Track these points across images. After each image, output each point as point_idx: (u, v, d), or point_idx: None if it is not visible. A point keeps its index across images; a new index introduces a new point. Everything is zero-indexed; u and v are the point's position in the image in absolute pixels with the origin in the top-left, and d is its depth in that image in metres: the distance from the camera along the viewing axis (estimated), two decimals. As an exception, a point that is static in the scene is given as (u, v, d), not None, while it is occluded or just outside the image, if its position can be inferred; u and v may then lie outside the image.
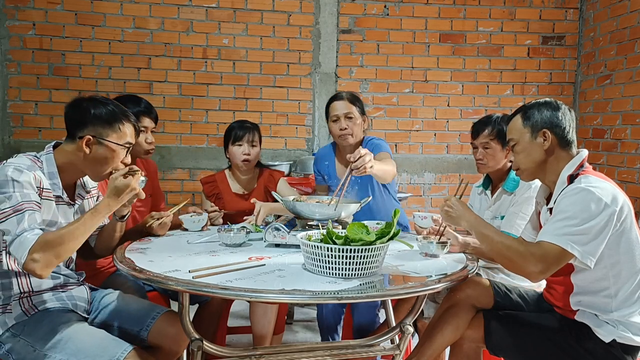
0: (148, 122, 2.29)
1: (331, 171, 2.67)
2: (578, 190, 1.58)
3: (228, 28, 4.06)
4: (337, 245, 1.50)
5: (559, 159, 1.71)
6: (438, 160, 4.35)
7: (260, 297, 1.43)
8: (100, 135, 1.66)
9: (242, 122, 2.62)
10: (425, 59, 4.26)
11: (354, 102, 2.55)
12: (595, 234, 1.54)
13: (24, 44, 3.87)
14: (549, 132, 1.69)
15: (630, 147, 3.73)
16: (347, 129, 2.51)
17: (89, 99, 1.70)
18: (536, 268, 1.55)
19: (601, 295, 1.66)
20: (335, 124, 2.53)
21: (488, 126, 2.31)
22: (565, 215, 1.57)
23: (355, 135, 2.53)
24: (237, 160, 2.55)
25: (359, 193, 2.50)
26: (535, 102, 1.76)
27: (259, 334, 2.26)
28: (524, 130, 1.73)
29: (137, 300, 1.87)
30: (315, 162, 2.77)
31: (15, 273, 1.62)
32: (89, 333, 1.58)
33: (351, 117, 2.51)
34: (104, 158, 1.68)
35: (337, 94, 2.63)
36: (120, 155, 1.71)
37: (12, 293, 1.61)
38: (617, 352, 1.64)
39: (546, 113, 1.71)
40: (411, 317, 1.87)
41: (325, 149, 2.78)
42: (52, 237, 1.50)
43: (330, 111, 2.56)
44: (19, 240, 1.47)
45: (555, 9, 4.32)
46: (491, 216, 2.33)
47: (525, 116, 1.74)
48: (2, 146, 3.91)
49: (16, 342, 1.56)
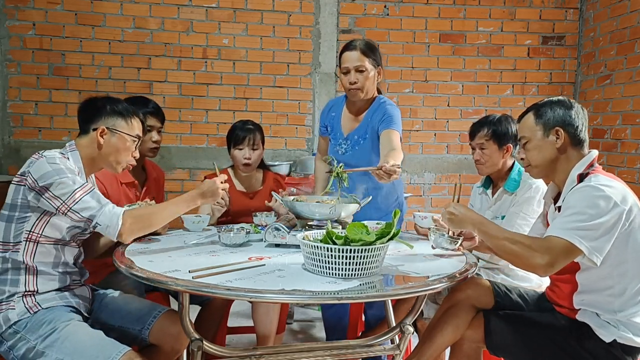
0: (154, 122, 2.35)
1: (336, 123, 2.53)
2: (587, 187, 1.58)
3: (228, 28, 4.06)
4: (337, 245, 1.50)
5: (570, 158, 1.70)
6: (438, 160, 4.35)
7: (260, 297, 1.43)
8: (114, 127, 1.78)
9: (245, 122, 2.59)
10: (425, 59, 4.26)
11: (368, 54, 2.33)
12: (603, 231, 1.54)
13: (24, 44, 3.87)
14: (561, 130, 1.69)
15: (630, 147, 3.73)
16: (357, 83, 2.32)
17: (103, 98, 1.84)
18: (542, 260, 1.53)
19: (605, 294, 1.66)
20: (346, 76, 2.34)
21: (484, 127, 2.31)
22: (573, 210, 1.57)
23: (366, 90, 2.35)
24: (238, 163, 2.55)
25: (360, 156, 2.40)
26: (548, 100, 1.76)
27: (261, 334, 2.27)
28: (536, 128, 1.72)
29: (138, 300, 1.89)
30: (323, 113, 2.63)
31: (26, 269, 1.64)
32: (87, 334, 1.59)
33: (362, 70, 2.31)
34: (116, 149, 1.79)
35: (350, 42, 2.38)
36: (131, 147, 1.82)
37: (18, 290, 1.63)
38: (617, 352, 1.64)
39: (559, 111, 1.70)
40: (411, 317, 1.87)
41: (337, 100, 2.62)
42: (138, 212, 1.74)
43: (341, 62, 2.37)
44: (108, 210, 1.64)
45: (555, 9, 4.32)
46: (492, 216, 2.33)
47: (537, 114, 1.73)
48: (2, 146, 3.91)
49: (17, 339, 1.58)
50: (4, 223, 1.65)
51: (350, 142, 2.46)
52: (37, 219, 1.65)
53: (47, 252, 1.68)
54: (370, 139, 2.41)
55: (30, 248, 1.65)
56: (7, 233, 1.64)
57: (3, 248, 1.65)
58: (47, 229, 1.67)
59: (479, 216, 1.75)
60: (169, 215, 1.82)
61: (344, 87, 2.39)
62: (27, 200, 1.63)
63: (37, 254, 1.66)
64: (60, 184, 1.60)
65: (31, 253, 1.65)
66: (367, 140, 2.42)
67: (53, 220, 1.67)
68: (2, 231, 1.65)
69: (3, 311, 1.61)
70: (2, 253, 1.64)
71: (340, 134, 2.50)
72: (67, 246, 1.74)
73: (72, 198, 1.60)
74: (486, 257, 2.32)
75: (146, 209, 1.83)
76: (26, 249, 1.65)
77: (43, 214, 1.65)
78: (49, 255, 1.69)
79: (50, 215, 1.66)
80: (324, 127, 2.62)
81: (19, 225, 1.64)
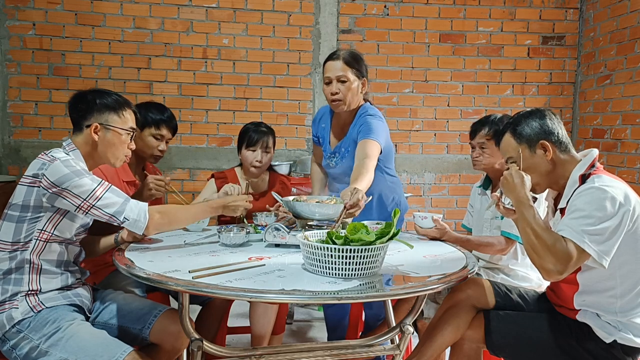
0: (166, 132, 2.34)
1: (325, 135, 2.47)
2: (593, 189, 1.57)
3: (228, 28, 4.06)
4: (336, 245, 1.50)
5: (564, 164, 1.69)
6: (438, 161, 4.35)
7: (260, 297, 1.43)
8: (106, 122, 1.76)
9: (258, 124, 2.58)
10: (425, 59, 4.26)
11: (351, 64, 2.23)
12: (610, 234, 1.53)
13: (24, 44, 3.87)
14: (546, 142, 1.68)
15: (630, 147, 3.73)
16: (338, 94, 2.23)
17: (92, 91, 1.80)
18: (555, 267, 1.52)
19: (606, 295, 1.65)
20: (328, 86, 2.25)
21: (485, 126, 2.31)
22: (581, 213, 1.55)
23: (348, 102, 2.25)
24: (248, 165, 2.55)
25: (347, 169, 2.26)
26: (519, 116, 1.74)
27: (257, 334, 2.27)
28: (520, 147, 1.71)
29: (138, 299, 1.89)
30: (314, 123, 2.57)
31: (30, 268, 1.65)
32: (90, 333, 1.60)
33: (344, 80, 2.21)
34: (112, 143, 1.78)
35: (334, 51, 2.30)
36: (126, 140, 1.81)
37: (21, 289, 1.63)
38: (617, 352, 1.64)
39: (534, 124, 1.69)
40: (411, 317, 1.86)
41: (325, 110, 2.52)
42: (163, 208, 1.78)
43: (324, 71, 2.29)
44: (134, 204, 1.68)
45: (555, 9, 4.32)
46: (491, 216, 2.33)
47: (515, 133, 1.72)
48: (2, 146, 3.91)
49: (20, 338, 1.58)
50: (14, 224, 1.64)
51: (338, 155, 2.42)
52: (49, 218, 1.66)
53: (54, 250, 1.69)
54: (353, 151, 2.29)
55: (39, 246, 1.66)
56: (18, 233, 1.64)
57: (12, 248, 1.64)
58: (59, 228, 1.68)
59: (525, 195, 1.66)
60: (193, 216, 1.89)
61: (326, 98, 2.30)
62: (42, 201, 1.63)
63: (45, 252, 1.67)
64: (80, 184, 1.62)
65: (39, 251, 1.66)
66: (350, 152, 2.33)
67: (65, 219, 1.69)
68: (11, 232, 1.64)
69: (6, 310, 1.61)
70: (11, 253, 1.64)
71: (328, 148, 2.46)
72: (71, 245, 1.75)
73: (93, 196, 1.63)
74: (486, 257, 2.32)
75: (171, 206, 1.88)
76: (35, 246, 1.65)
77: (56, 212, 1.66)
78: (54, 254, 1.70)
79: (63, 214, 1.68)
80: (315, 138, 2.57)
81: (31, 225, 1.64)
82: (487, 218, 2.36)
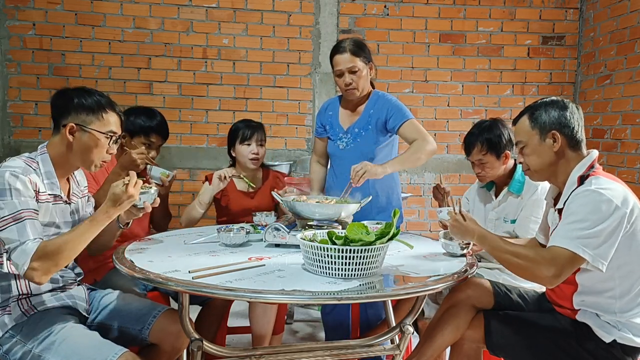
0: (156, 139, 2.31)
1: (334, 120, 2.57)
2: (589, 192, 1.56)
3: (228, 28, 4.05)
4: (336, 245, 1.50)
5: (569, 160, 1.69)
6: (438, 161, 4.35)
7: (260, 297, 1.43)
8: (84, 123, 1.65)
9: (248, 121, 2.64)
10: (425, 59, 4.26)
11: (358, 53, 2.38)
12: (606, 237, 1.53)
13: (24, 44, 3.86)
14: (558, 133, 1.67)
15: (630, 147, 3.73)
16: (352, 84, 2.40)
17: (75, 89, 1.70)
18: (549, 272, 1.53)
19: (605, 296, 1.65)
20: (340, 78, 2.42)
21: (477, 142, 2.30)
22: (576, 218, 1.55)
23: (361, 88, 2.43)
24: (245, 159, 2.55)
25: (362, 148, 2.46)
26: (542, 102, 1.73)
27: (257, 334, 2.27)
28: (532, 132, 1.70)
29: (138, 300, 1.88)
30: (319, 114, 2.67)
31: (15, 276, 1.62)
32: (83, 335, 1.58)
33: (355, 70, 2.38)
34: (88, 147, 1.66)
35: (338, 45, 2.43)
36: (105, 144, 1.69)
37: (11, 295, 1.61)
38: (617, 352, 1.64)
39: (554, 113, 1.68)
40: (411, 317, 1.87)
41: (332, 100, 2.68)
42: (52, 247, 1.52)
43: (333, 65, 2.44)
44: (21, 249, 1.49)
45: (555, 9, 4.31)
46: (496, 217, 2.33)
47: (532, 117, 1.71)
48: (2, 146, 3.91)
49: (14, 343, 1.56)
50: None
51: (350, 136, 2.51)
52: None
53: None
54: (373, 131, 2.46)
55: None
56: None
57: None
58: None
59: (481, 229, 1.73)
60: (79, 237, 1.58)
61: (340, 89, 2.47)
62: None
63: None
64: None
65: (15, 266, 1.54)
66: (370, 131, 2.46)
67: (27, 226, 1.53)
68: None
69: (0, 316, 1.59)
70: None
71: (340, 128, 2.54)
72: None
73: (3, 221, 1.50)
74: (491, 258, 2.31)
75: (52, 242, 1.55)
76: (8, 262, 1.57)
77: None
78: None
79: None
80: (321, 127, 2.64)
81: None
82: (492, 219, 2.36)
